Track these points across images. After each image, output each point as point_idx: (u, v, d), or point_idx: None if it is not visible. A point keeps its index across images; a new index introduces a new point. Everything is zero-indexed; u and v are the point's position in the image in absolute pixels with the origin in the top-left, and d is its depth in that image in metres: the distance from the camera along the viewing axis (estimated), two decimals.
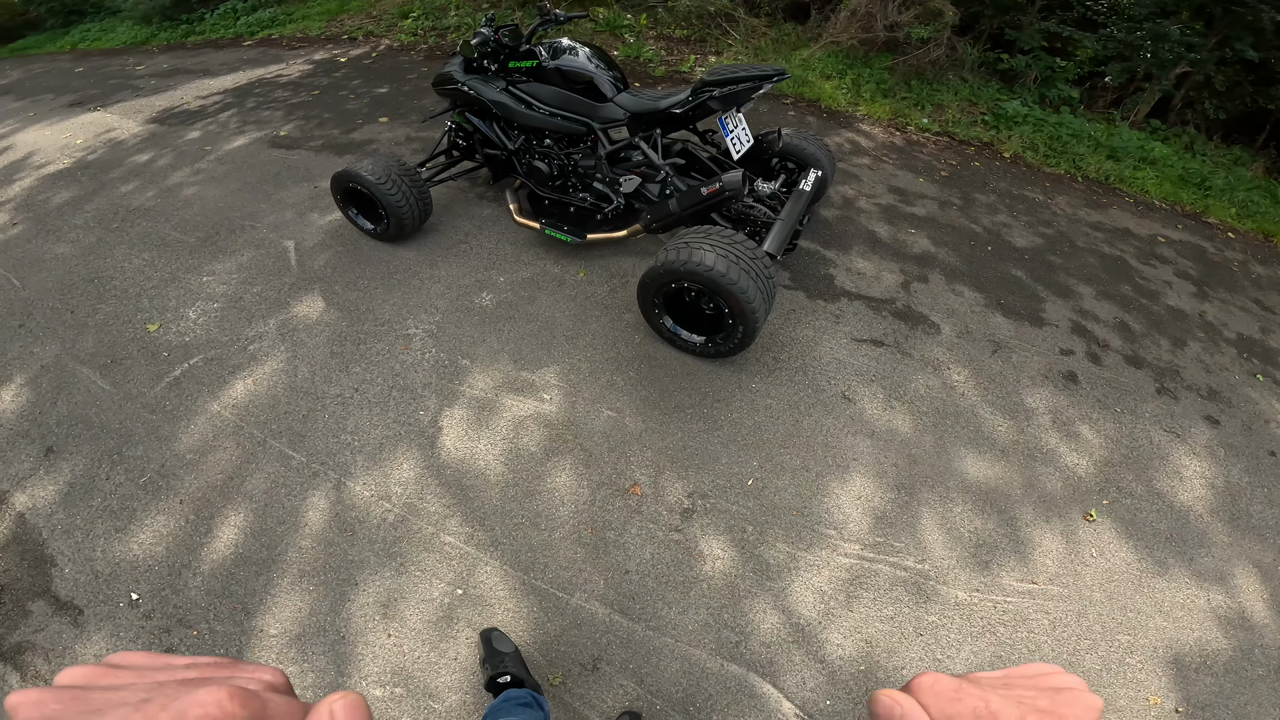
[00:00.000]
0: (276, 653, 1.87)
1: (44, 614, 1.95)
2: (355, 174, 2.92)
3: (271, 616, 1.95)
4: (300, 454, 2.37)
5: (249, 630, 1.92)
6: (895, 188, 4.25)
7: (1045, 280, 3.53)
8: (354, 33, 6.73)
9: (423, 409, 2.50)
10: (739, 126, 2.94)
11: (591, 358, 2.72)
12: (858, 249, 3.53)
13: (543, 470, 2.32)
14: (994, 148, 5.10)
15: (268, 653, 1.87)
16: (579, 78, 2.88)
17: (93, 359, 2.72)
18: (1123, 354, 3.10)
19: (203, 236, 3.38)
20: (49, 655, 1.86)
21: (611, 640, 1.93)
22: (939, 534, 2.25)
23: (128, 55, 7.39)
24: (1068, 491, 2.45)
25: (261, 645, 1.89)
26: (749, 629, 1.97)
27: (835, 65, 5.57)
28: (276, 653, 1.87)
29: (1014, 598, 2.11)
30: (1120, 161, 4.99)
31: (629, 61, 5.71)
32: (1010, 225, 4.03)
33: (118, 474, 2.32)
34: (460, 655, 1.87)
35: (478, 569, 2.06)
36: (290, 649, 1.88)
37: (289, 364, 2.67)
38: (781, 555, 2.14)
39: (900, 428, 2.55)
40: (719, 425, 2.48)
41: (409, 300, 2.96)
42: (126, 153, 4.39)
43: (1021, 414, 2.70)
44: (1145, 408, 2.84)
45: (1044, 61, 5.50)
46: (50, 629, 1.91)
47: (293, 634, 1.91)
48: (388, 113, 4.75)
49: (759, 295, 2.34)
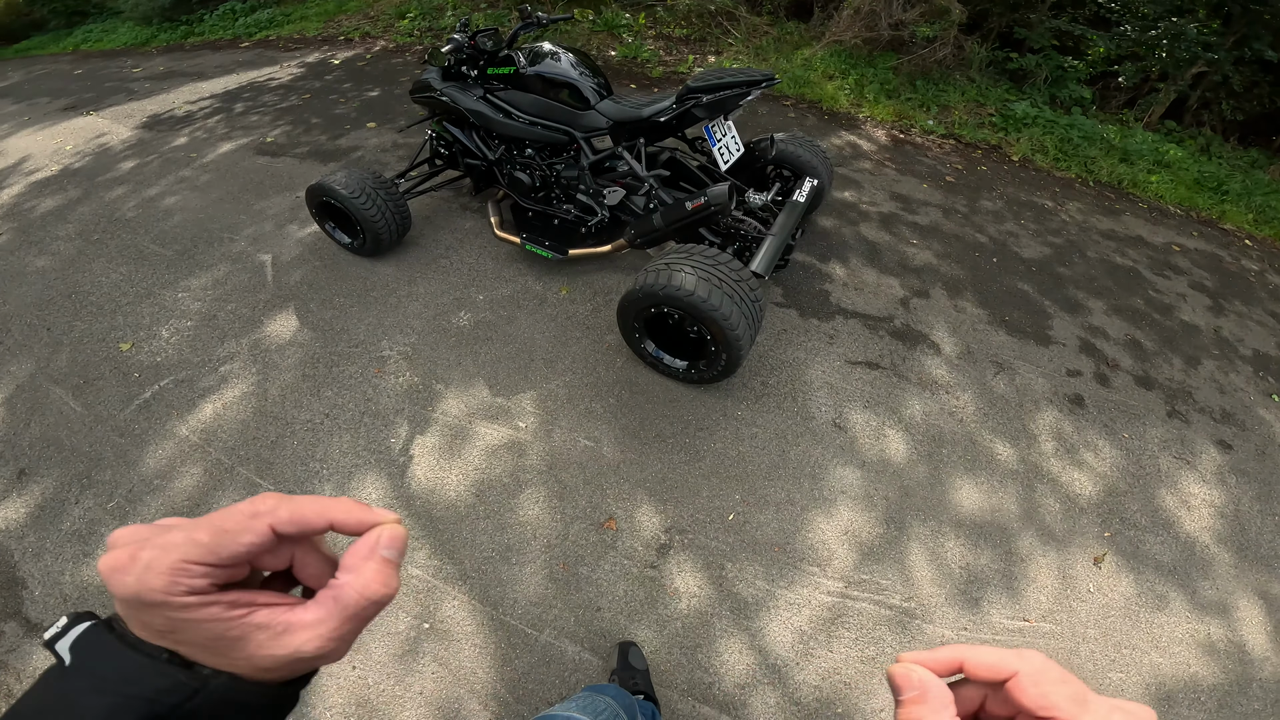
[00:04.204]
0: None
1: (15, 635, 1.92)
2: (329, 188, 2.83)
3: None
4: (268, 482, 2.29)
5: None
6: (897, 194, 4.10)
7: (1053, 294, 3.38)
8: (350, 33, 6.64)
9: (394, 436, 2.41)
10: (727, 135, 2.81)
11: (570, 383, 2.62)
12: (855, 261, 3.40)
13: (515, 502, 2.23)
14: (1002, 150, 4.94)
15: None
16: (560, 84, 2.76)
17: (66, 379, 2.66)
18: (1133, 374, 2.96)
19: (180, 250, 3.31)
20: (20, 675, 1.84)
21: (580, 679, 1.85)
22: (928, 569, 2.14)
23: (126, 57, 7.36)
24: (1068, 524, 2.32)
25: None
26: (723, 669, 1.88)
27: (838, 65, 5.42)
28: None
29: (1003, 635, 2.01)
30: (1133, 165, 4.81)
31: (626, 62, 5.59)
32: (1017, 234, 3.88)
33: (86, 498, 2.26)
34: (426, 689, 1.81)
35: (445, 602, 1.99)
36: None
37: (259, 387, 2.59)
38: (760, 593, 2.04)
39: (893, 457, 2.43)
40: (701, 456, 2.37)
41: (385, 320, 2.86)
42: (114, 159, 4.34)
43: (1023, 441, 2.57)
44: (1154, 432, 2.70)
45: (1055, 61, 5.32)
46: (22, 650, 1.88)
47: None
48: (376, 117, 4.65)
49: (743, 321, 2.22)
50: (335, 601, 0.35)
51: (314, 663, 0.35)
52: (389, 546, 0.36)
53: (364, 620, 0.36)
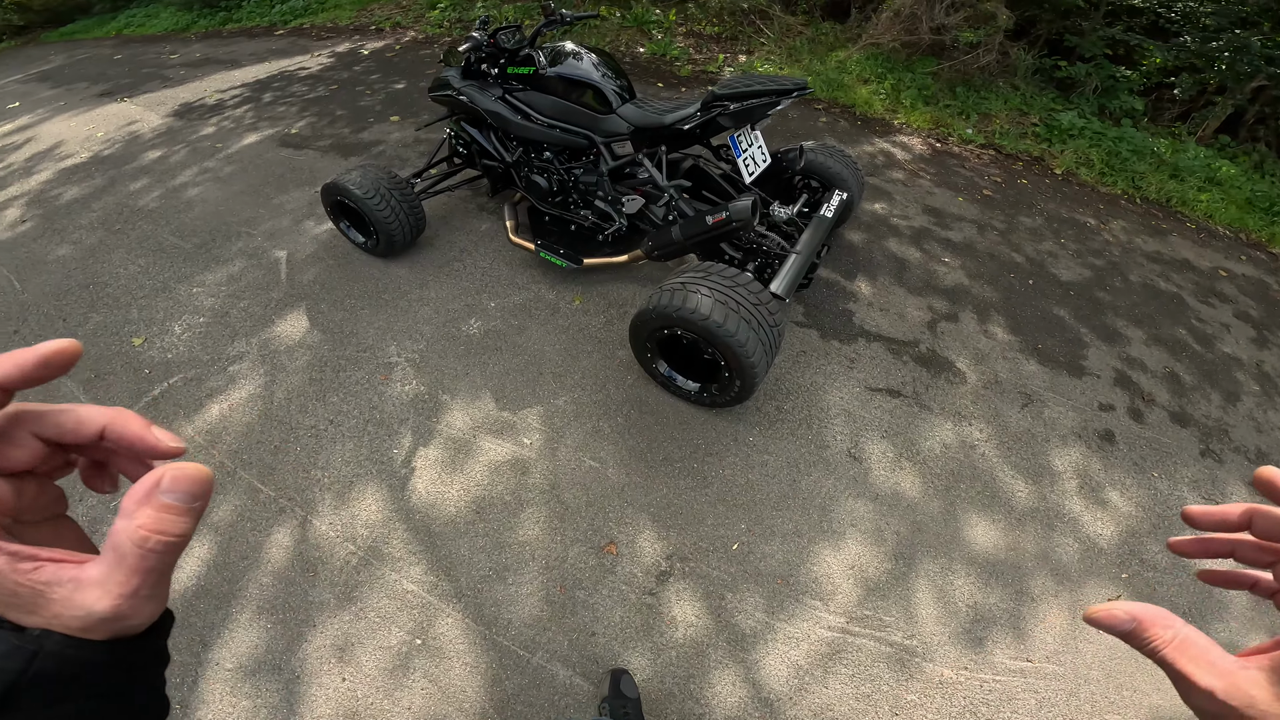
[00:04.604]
0: (230, 686, 1.83)
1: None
2: (343, 187, 2.79)
3: (228, 650, 1.90)
4: (269, 488, 2.27)
5: (205, 662, 1.87)
6: (931, 207, 3.95)
7: (1090, 321, 3.21)
8: (381, 23, 6.64)
9: (397, 447, 2.37)
10: (754, 145, 2.69)
11: (578, 399, 2.55)
12: (883, 280, 3.26)
13: (515, 521, 2.18)
14: (1044, 163, 4.73)
15: (221, 685, 1.83)
16: (581, 86, 2.67)
17: (77, 372, 2.67)
18: (1169, 410, 2.79)
19: (199, 243, 3.32)
20: None
21: (569, 703, 1.81)
22: (933, 607, 2.04)
23: (166, 43, 7.47)
24: (1085, 564, 2.20)
25: (216, 678, 1.84)
26: (714, 702, 1.82)
27: (874, 69, 5.24)
28: (230, 686, 1.83)
29: (1004, 676, 1.91)
30: (1184, 181, 4.56)
31: (654, 59, 5.48)
32: (1056, 254, 3.70)
33: (90, 496, 2.26)
34: (415, 705, 1.79)
35: (438, 619, 1.96)
36: (244, 684, 1.83)
37: (266, 389, 2.57)
38: (759, 625, 1.97)
39: (908, 491, 2.32)
40: (709, 482, 2.29)
41: (394, 324, 2.83)
42: (142, 148, 4.38)
43: (1046, 478, 2.43)
44: (1185, 472, 2.55)
45: (1106, 70, 5.07)
46: None
47: (248, 669, 1.86)
48: (400, 111, 4.63)
49: (760, 348, 2.12)
50: (114, 553, 0.30)
51: (119, 624, 0.30)
52: (170, 490, 0.31)
53: (157, 572, 0.31)
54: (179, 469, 0.31)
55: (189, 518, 0.31)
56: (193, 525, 0.32)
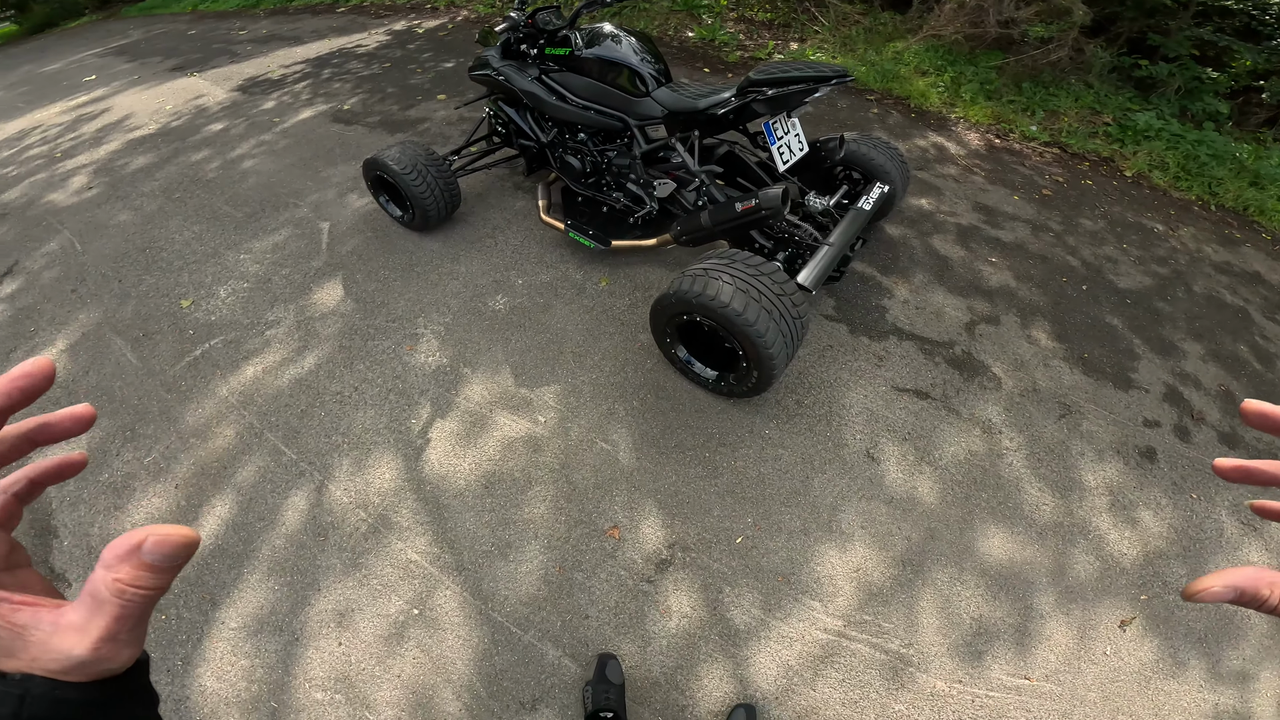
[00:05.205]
0: (232, 645, 1.90)
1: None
2: (382, 162, 2.86)
3: (235, 610, 1.97)
4: (292, 450, 2.35)
5: (212, 620, 1.95)
6: (982, 205, 3.77)
7: (1145, 332, 3.02)
8: (438, 1, 6.73)
9: (415, 417, 2.42)
10: (790, 133, 2.62)
11: (596, 380, 2.55)
12: (922, 277, 3.14)
13: (522, 499, 2.20)
14: (1114, 164, 4.45)
15: (223, 643, 1.90)
16: (616, 68, 2.64)
17: (128, 330, 2.82)
18: (1218, 429, 2.61)
19: (250, 212, 3.45)
20: None
21: (555, 683, 1.82)
22: (936, 617, 1.97)
23: (236, 18, 7.77)
24: (1103, 583, 2.07)
25: (220, 636, 1.92)
26: (699, 694, 1.80)
27: (933, 60, 5.02)
28: (232, 645, 1.90)
29: (997, 692, 1.83)
30: (1264, 189, 4.23)
31: (703, 44, 5.39)
32: (1116, 260, 3.48)
33: (127, 450, 2.39)
34: (405, 673, 1.83)
35: (438, 591, 2.00)
36: (245, 643, 1.90)
37: (298, 354, 2.66)
38: (754, 622, 1.93)
39: (925, 497, 2.24)
40: (719, 472, 2.26)
41: (424, 296, 2.88)
42: (206, 120, 4.57)
43: (1075, 493, 2.30)
44: (1224, 495, 2.38)
45: (1191, 71, 4.73)
46: None
47: (250, 629, 1.93)
48: (447, 89, 4.70)
49: (780, 339, 2.07)
50: (93, 599, 0.31)
51: (98, 667, 0.31)
52: (153, 551, 0.31)
53: (134, 618, 0.31)
54: (163, 533, 0.31)
55: (169, 574, 0.32)
56: (171, 579, 0.32)
